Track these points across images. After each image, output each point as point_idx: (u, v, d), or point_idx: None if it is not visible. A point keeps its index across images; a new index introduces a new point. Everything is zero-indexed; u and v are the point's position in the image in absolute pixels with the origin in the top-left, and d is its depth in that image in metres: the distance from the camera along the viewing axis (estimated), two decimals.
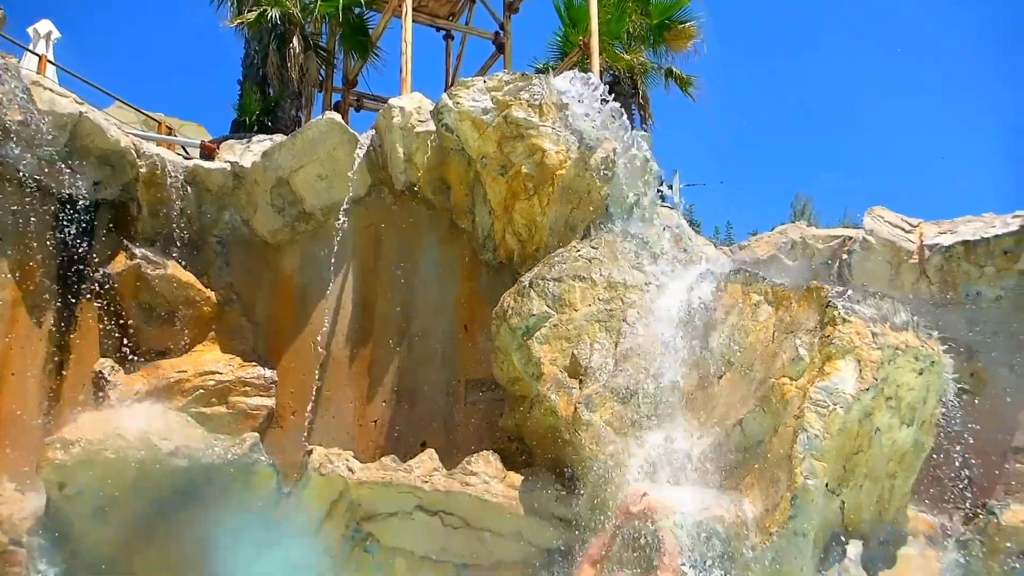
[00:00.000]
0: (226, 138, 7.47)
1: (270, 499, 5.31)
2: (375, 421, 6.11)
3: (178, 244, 6.41)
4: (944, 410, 4.88)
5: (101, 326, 6.26)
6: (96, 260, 6.28)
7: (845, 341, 3.91)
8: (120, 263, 6.22)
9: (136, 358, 6.24)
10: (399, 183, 6.37)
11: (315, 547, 5.15)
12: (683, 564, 3.68)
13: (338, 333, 6.27)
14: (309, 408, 6.18)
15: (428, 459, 5.06)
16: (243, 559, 5.40)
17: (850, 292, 4.12)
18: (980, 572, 7.32)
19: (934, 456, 6.25)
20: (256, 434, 5.49)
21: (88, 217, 6.31)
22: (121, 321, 6.24)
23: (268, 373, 6.29)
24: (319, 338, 6.26)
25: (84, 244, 6.23)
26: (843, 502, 4.03)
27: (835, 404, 3.79)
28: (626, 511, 3.91)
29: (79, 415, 5.55)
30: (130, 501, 5.19)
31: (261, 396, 6.23)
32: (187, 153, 7.33)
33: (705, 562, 3.77)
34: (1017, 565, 7.36)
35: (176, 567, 5.32)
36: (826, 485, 3.84)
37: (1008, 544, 7.36)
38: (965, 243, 8.35)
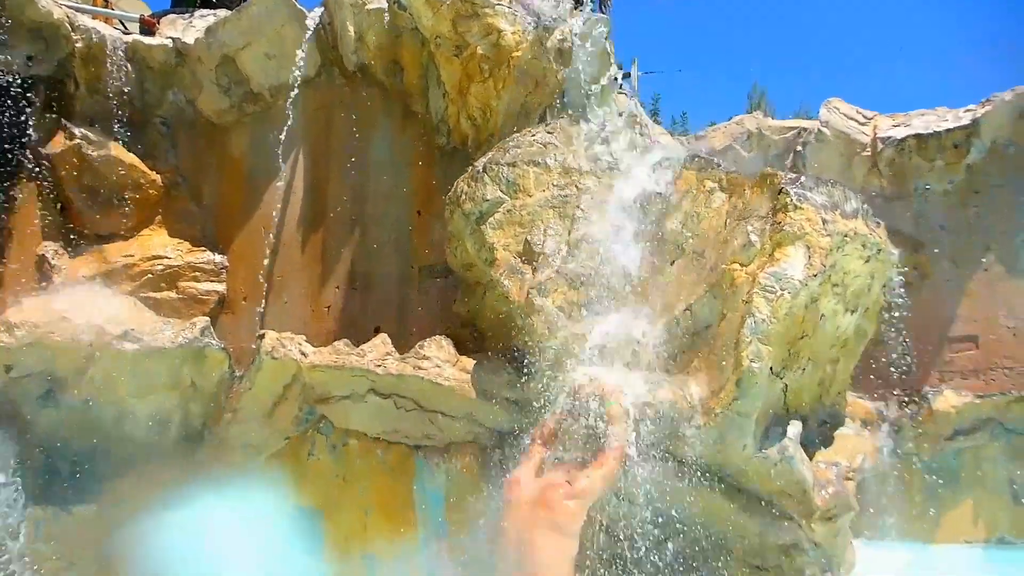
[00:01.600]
0: (166, 12, 7.09)
1: (223, 382, 5.32)
2: (328, 307, 6.08)
3: (120, 124, 6.15)
4: (887, 299, 5.01)
5: (42, 209, 6.05)
6: (33, 140, 6.02)
7: (796, 227, 3.94)
8: (59, 143, 5.97)
9: (80, 242, 6.07)
10: (350, 64, 6.15)
11: (268, 428, 5.22)
12: (629, 443, 3.76)
13: (289, 218, 6.16)
14: (261, 294, 6.13)
15: (381, 343, 5.08)
16: (195, 441, 5.47)
17: (803, 179, 4.12)
18: (911, 453, 7.75)
19: (880, 343, 6.49)
20: (207, 318, 5.44)
21: (22, 94, 6.01)
22: (63, 204, 6.04)
23: (218, 258, 6.18)
24: (270, 223, 6.15)
25: (19, 123, 5.96)
26: (786, 385, 4.14)
27: (783, 289, 3.84)
28: (575, 393, 3.95)
29: (23, 298, 5.45)
30: (80, 384, 5.16)
31: (211, 281, 6.14)
32: (126, 28, 6.98)
33: (651, 441, 3.87)
34: (944, 447, 7.80)
35: (130, 449, 5.35)
36: (771, 369, 3.93)
37: (938, 428, 7.79)
38: (917, 136, 8.43)
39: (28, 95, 6.04)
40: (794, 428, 4.02)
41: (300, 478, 5.26)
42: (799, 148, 8.72)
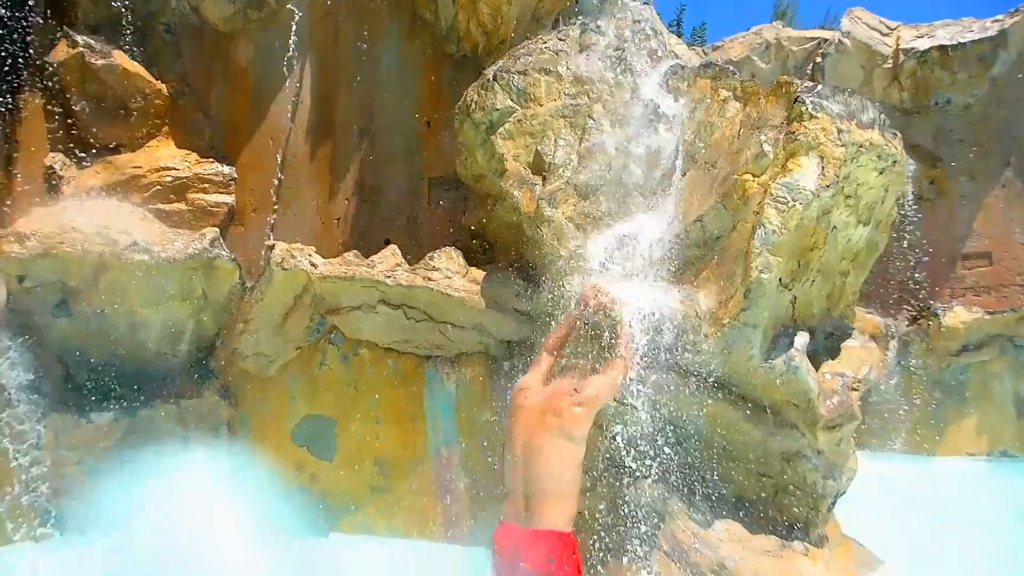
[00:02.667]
0: None
1: (234, 293, 5.36)
2: (338, 219, 6.07)
3: (124, 32, 6.03)
4: (901, 212, 4.96)
5: (48, 120, 6.00)
6: (36, 48, 5.92)
7: (810, 137, 3.87)
8: (62, 51, 5.87)
9: (88, 153, 6.03)
10: None
11: (280, 339, 5.27)
12: (637, 352, 3.80)
13: (297, 129, 6.08)
14: (270, 205, 6.11)
15: (391, 255, 5.09)
16: (208, 351, 5.54)
17: (820, 88, 4.03)
18: (918, 368, 7.80)
19: (885, 258, 6.46)
20: (216, 229, 5.43)
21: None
22: (69, 115, 5.98)
23: (226, 169, 6.14)
24: (278, 134, 6.09)
25: (21, 30, 5.85)
26: (795, 296, 4.14)
27: (795, 200, 3.80)
28: (584, 303, 3.99)
29: (32, 209, 5.45)
30: (93, 294, 5.19)
31: (220, 193, 6.11)
32: None
33: (658, 350, 3.90)
34: (951, 362, 7.84)
35: (145, 359, 5.43)
36: (779, 280, 3.93)
37: (946, 343, 7.82)
38: (941, 48, 8.20)
39: (28, 1, 5.92)
40: (801, 339, 4.04)
41: (312, 387, 5.35)
42: (819, 59, 8.52)
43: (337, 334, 5.26)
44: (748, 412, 4.13)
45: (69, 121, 5.96)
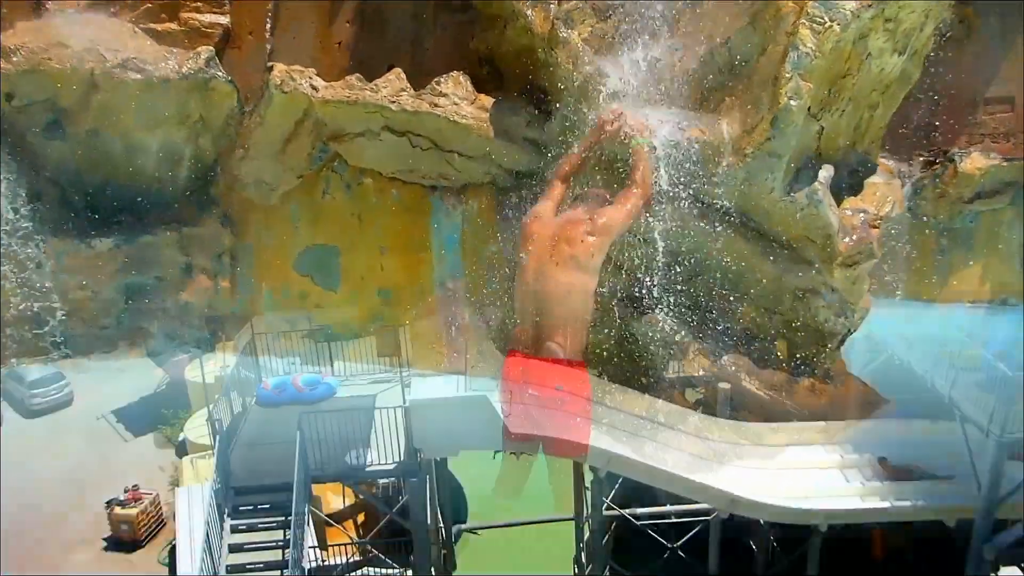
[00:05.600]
0: None
1: (232, 117, 5.16)
2: (339, 43, 5.74)
3: None
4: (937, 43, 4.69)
5: None
6: None
7: None
8: None
9: None
10: None
11: (281, 166, 5.12)
12: (654, 182, 3.66)
13: None
14: (267, 28, 5.76)
15: (395, 79, 4.85)
16: (208, 178, 5.39)
17: None
18: (928, 212, 7.68)
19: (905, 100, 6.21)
20: (211, 48, 5.16)
21: None
22: None
23: None
24: None
25: None
26: (822, 127, 3.96)
27: (832, 21, 3.56)
28: (600, 129, 3.81)
29: (16, 23, 5.14)
30: (85, 115, 4.99)
31: (215, 13, 5.73)
32: None
33: (676, 181, 3.77)
34: (962, 208, 7.70)
35: (143, 184, 5.29)
36: (808, 109, 3.74)
37: (959, 190, 7.64)
38: None
39: None
40: (826, 172, 3.89)
41: (315, 216, 5.25)
42: None
43: (340, 162, 5.10)
44: (764, 247, 4.05)
45: None
